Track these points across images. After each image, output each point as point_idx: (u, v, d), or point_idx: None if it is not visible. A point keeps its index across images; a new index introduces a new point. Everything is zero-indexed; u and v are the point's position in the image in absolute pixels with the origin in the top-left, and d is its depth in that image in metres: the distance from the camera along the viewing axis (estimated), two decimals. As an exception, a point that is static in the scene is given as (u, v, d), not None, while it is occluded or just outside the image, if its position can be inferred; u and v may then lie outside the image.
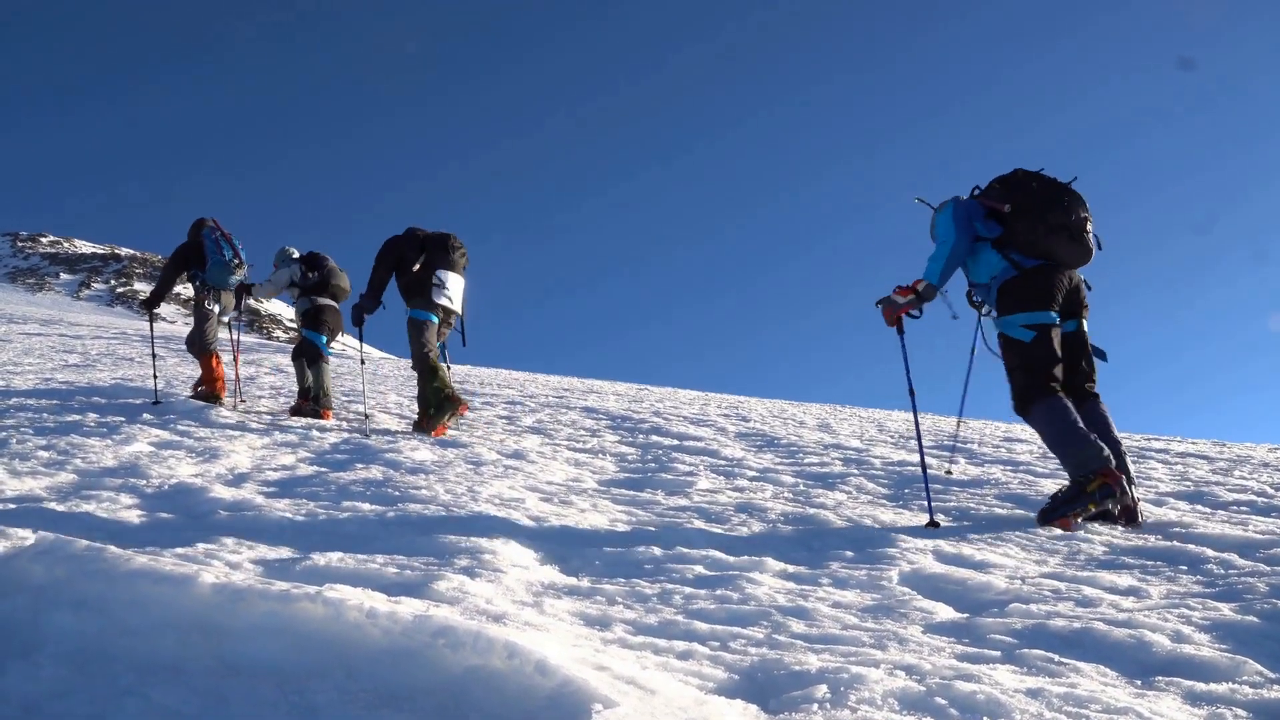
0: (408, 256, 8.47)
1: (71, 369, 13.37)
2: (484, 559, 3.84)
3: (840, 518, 4.97)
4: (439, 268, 8.39)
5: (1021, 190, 5.24)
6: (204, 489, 5.18)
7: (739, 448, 8.07)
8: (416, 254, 8.46)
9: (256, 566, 3.63)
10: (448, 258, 8.48)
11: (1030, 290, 5.15)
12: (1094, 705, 2.47)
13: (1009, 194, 5.26)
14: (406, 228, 8.70)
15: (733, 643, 2.99)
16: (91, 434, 7.21)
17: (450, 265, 8.48)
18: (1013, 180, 5.34)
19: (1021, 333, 5.12)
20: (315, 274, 9.91)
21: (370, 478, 5.73)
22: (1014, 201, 5.20)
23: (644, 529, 4.67)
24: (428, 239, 8.54)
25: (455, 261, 8.53)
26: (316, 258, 10.04)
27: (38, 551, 3.26)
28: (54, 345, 20.38)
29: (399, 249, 8.48)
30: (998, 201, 5.26)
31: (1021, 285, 5.17)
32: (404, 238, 8.56)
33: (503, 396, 12.58)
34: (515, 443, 7.78)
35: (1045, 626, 3.20)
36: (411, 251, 8.48)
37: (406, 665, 2.51)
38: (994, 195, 5.35)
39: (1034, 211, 5.15)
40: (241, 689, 2.49)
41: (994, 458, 7.76)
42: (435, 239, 8.53)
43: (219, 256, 9.73)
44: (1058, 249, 5.17)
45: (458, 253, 8.58)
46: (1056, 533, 4.72)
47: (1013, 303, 5.18)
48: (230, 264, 9.75)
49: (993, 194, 5.36)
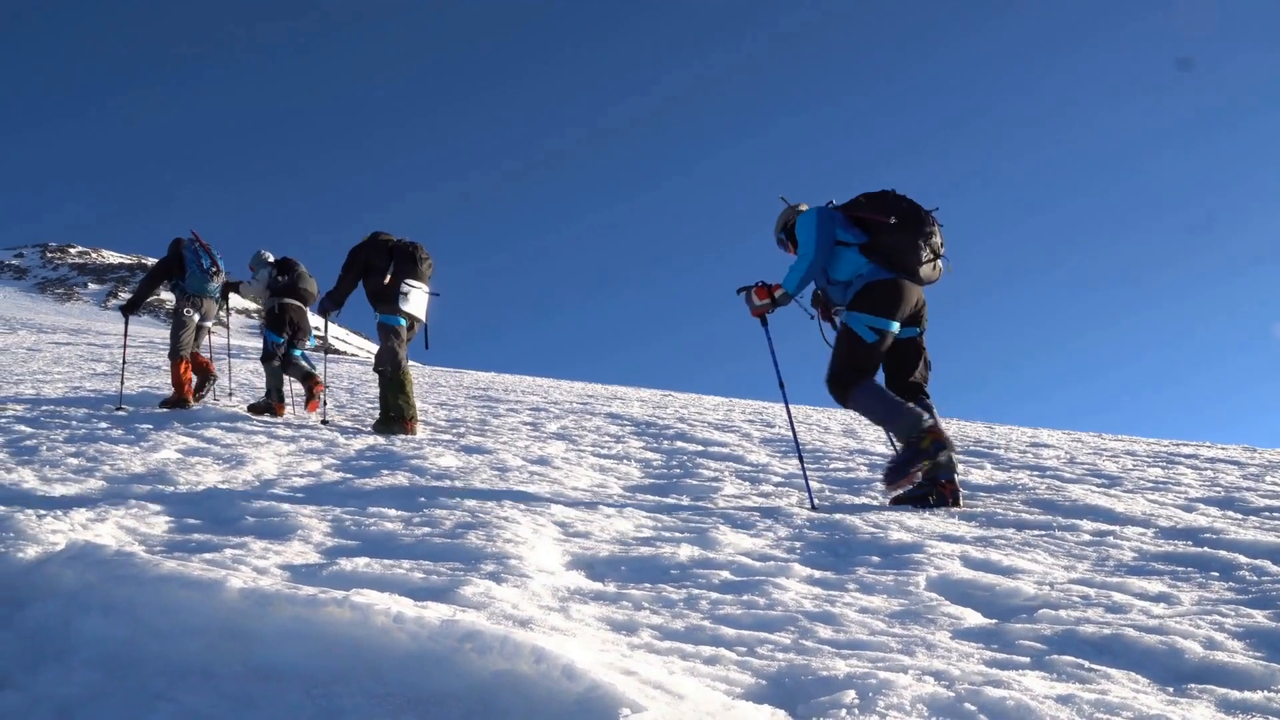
0: (375, 264, 8.76)
1: (100, 377, 13.48)
2: (510, 564, 3.84)
3: (866, 523, 4.94)
4: (406, 277, 8.74)
5: (895, 207, 5.70)
6: (231, 495, 5.20)
7: (764, 453, 8.05)
8: (385, 262, 8.76)
9: (283, 571, 3.64)
10: (415, 269, 8.83)
11: (885, 299, 5.64)
12: (1126, 712, 2.44)
13: (886, 210, 5.69)
14: (372, 233, 8.97)
15: (760, 648, 2.98)
16: (120, 441, 7.27)
17: (417, 275, 8.85)
18: (886, 199, 5.78)
19: (866, 332, 5.62)
20: (285, 278, 10.53)
21: (396, 484, 5.75)
22: (896, 214, 5.65)
23: (670, 535, 4.66)
24: (396, 247, 8.84)
25: (422, 273, 8.92)
26: (288, 263, 10.64)
27: (69, 557, 3.29)
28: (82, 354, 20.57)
29: (366, 256, 8.78)
30: (877, 214, 5.69)
31: (880, 291, 5.64)
32: (371, 245, 8.85)
33: (527, 403, 12.60)
34: (540, 449, 7.79)
35: (1075, 632, 3.17)
36: (379, 259, 8.77)
37: (433, 670, 2.51)
38: (860, 206, 5.80)
39: (911, 228, 5.65)
40: (269, 693, 2.50)
41: (1020, 463, 7.71)
42: (402, 249, 8.84)
43: (197, 266, 10.43)
44: (920, 267, 5.69)
45: (425, 264, 8.91)
46: (1085, 538, 4.68)
47: (868, 304, 5.64)
48: (209, 272, 10.47)
49: (860, 207, 5.81)
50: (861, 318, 5.64)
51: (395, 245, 8.87)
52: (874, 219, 5.69)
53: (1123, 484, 6.61)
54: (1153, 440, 10.78)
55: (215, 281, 10.59)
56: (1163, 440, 10.71)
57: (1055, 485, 6.44)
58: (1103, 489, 6.33)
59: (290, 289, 10.53)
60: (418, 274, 8.84)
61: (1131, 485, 6.55)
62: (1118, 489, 6.37)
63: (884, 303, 5.63)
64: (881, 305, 5.63)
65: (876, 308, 5.63)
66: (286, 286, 10.53)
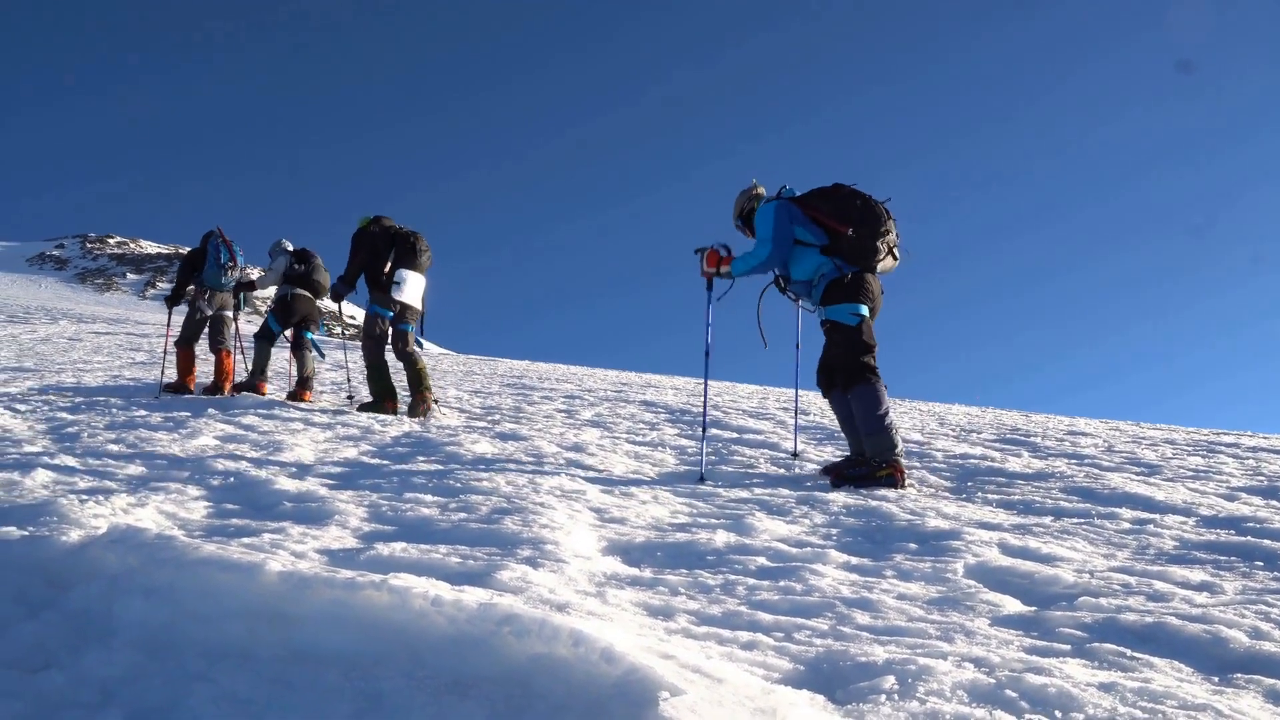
0: (379, 250, 9.11)
1: (139, 366, 13.61)
2: (546, 549, 3.85)
3: (903, 510, 4.91)
4: (402, 267, 9.05)
5: (849, 207, 6.05)
6: (269, 481, 5.24)
7: (800, 441, 8.02)
8: (387, 249, 9.13)
9: (321, 556, 3.66)
10: (414, 260, 9.15)
11: (854, 288, 6.01)
12: (1170, 701, 2.41)
13: (840, 211, 6.04)
14: (374, 217, 9.29)
15: (797, 634, 2.97)
16: (159, 428, 7.33)
17: (415, 266, 9.14)
18: (837, 195, 6.14)
19: (849, 318, 5.98)
20: (301, 267, 10.93)
21: (432, 470, 5.76)
22: (853, 224, 5.99)
23: (705, 521, 4.65)
24: (397, 235, 9.18)
25: (420, 264, 9.21)
26: (306, 254, 11.03)
27: (110, 540, 3.32)
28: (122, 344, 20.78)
29: (373, 241, 9.11)
30: (833, 219, 6.04)
31: (848, 284, 6.01)
32: (378, 231, 9.18)
33: (561, 391, 12.62)
34: (575, 436, 7.79)
35: (1116, 621, 3.14)
36: (383, 245, 9.13)
37: (471, 653, 2.52)
38: (817, 206, 6.12)
39: (869, 229, 6.01)
40: (308, 675, 2.51)
41: (1058, 451, 7.65)
42: (403, 238, 9.17)
43: (215, 260, 10.90)
44: (878, 263, 6.08)
45: (424, 255, 9.22)
46: (1125, 527, 4.64)
47: (840, 295, 6.01)
48: (225, 266, 10.91)
49: (813, 203, 6.15)
50: (839, 308, 6.01)
51: (397, 233, 9.21)
52: (832, 226, 6.05)
53: (1162, 472, 6.54)
54: (1192, 429, 10.65)
55: (229, 275, 11.01)
56: (1202, 429, 10.58)
57: (1093, 473, 6.38)
58: (1142, 477, 6.27)
59: (303, 279, 10.93)
60: (416, 264, 9.15)
61: (1171, 474, 6.48)
62: (1157, 477, 6.30)
63: (853, 291, 6.01)
64: (851, 293, 6.01)
65: (848, 296, 6.00)
66: (300, 276, 10.92)
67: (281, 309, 10.85)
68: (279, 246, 11.10)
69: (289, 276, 10.91)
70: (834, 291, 6.02)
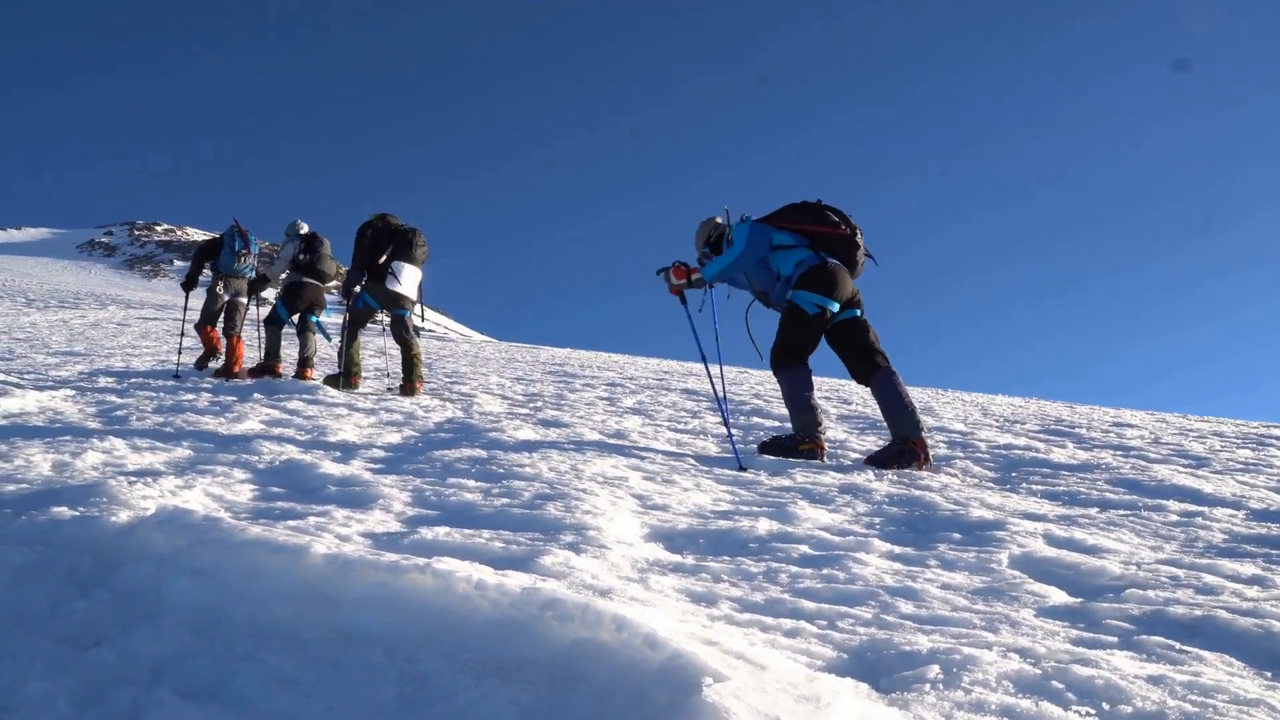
0: (380, 243, 9.81)
1: (186, 351, 13.77)
2: (589, 535, 3.85)
3: (947, 500, 4.88)
4: (398, 260, 9.77)
5: (824, 217, 6.49)
6: (313, 465, 5.28)
7: (841, 430, 8.00)
8: (387, 243, 9.87)
9: (366, 539, 3.68)
10: (410, 253, 9.86)
11: (827, 280, 6.33)
12: (1220, 695, 2.38)
13: (819, 220, 6.47)
14: (380, 214, 9.97)
15: (840, 622, 2.95)
16: (205, 412, 7.42)
17: (411, 260, 9.86)
18: (812, 209, 6.57)
19: (810, 307, 6.30)
20: (308, 256, 11.44)
21: (475, 455, 5.79)
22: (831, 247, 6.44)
23: (748, 509, 4.64)
24: (397, 231, 9.88)
25: (416, 257, 9.92)
26: (314, 241, 11.51)
27: (159, 521, 3.36)
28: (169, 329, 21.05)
29: (375, 236, 9.83)
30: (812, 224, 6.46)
31: (823, 273, 6.34)
32: (380, 227, 9.87)
33: (603, 378, 12.64)
34: (617, 423, 7.81)
35: (1164, 613, 3.09)
36: (384, 239, 9.83)
37: (515, 637, 2.52)
38: (792, 218, 6.55)
39: (844, 244, 6.44)
40: (353, 657, 2.53)
41: (1103, 442, 7.57)
42: (402, 234, 9.91)
43: (230, 248, 11.79)
44: (856, 261, 6.50)
45: (420, 249, 9.98)
46: (1172, 519, 4.58)
47: (812, 284, 6.32)
48: (238, 253, 11.77)
49: (788, 215, 6.58)
50: (806, 295, 6.32)
51: (397, 229, 9.89)
52: (814, 229, 6.46)
53: (1211, 465, 6.45)
54: (1241, 422, 10.50)
55: (241, 262, 11.83)
56: (1251, 422, 10.43)
57: (1140, 465, 6.31)
58: (1190, 469, 6.19)
59: (309, 268, 11.45)
60: (411, 257, 9.86)
61: (1220, 466, 6.40)
62: (1205, 470, 6.22)
63: (826, 283, 6.32)
64: (823, 285, 6.32)
65: (818, 287, 6.31)
66: (306, 265, 11.44)
67: (289, 296, 11.42)
68: (293, 228, 11.56)
69: (296, 264, 11.47)
70: (807, 279, 6.35)
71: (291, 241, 11.48)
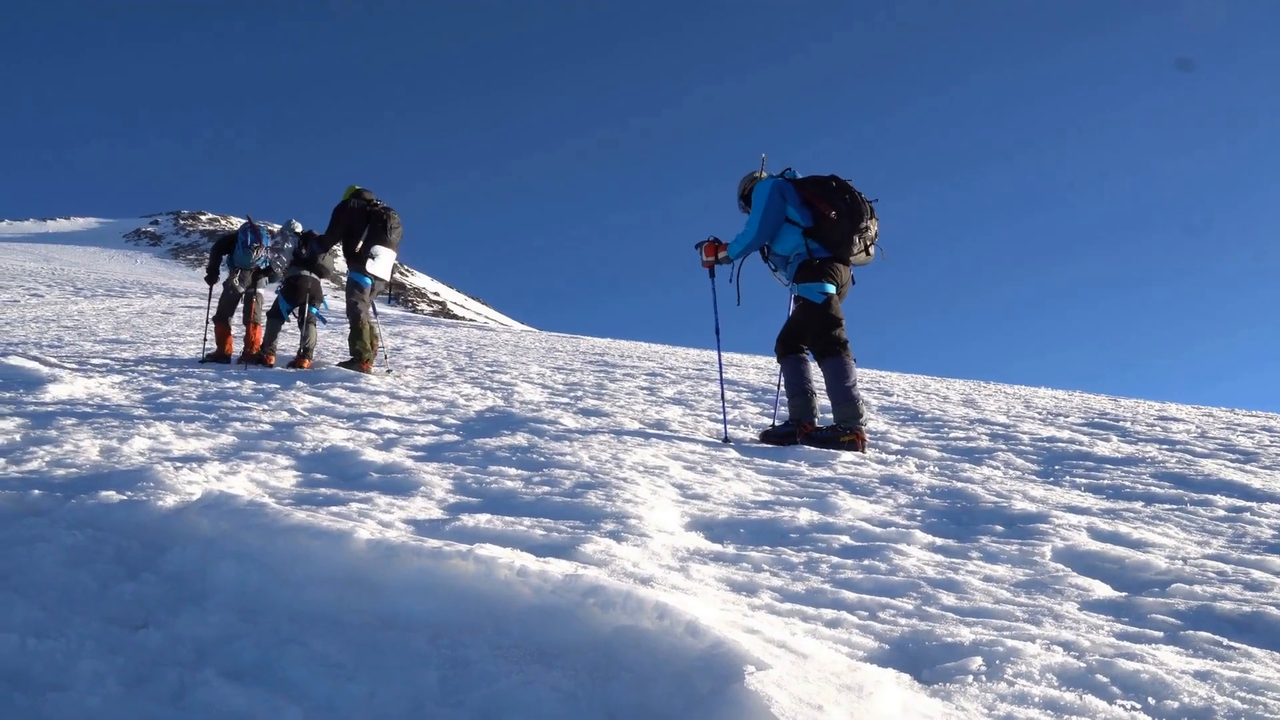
0: (354, 227, 10.02)
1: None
2: (629, 524, 3.86)
3: (989, 492, 4.84)
4: (375, 243, 9.93)
5: (839, 199, 6.58)
6: (356, 452, 5.32)
7: (882, 421, 7.95)
8: (362, 226, 10.06)
9: (408, 526, 3.71)
10: (385, 236, 10.00)
11: (820, 271, 6.59)
12: (1270, 692, 2.34)
13: (830, 200, 6.58)
14: (355, 190, 10.14)
15: (882, 613, 2.94)
16: (249, 399, 7.50)
17: (387, 243, 10.01)
18: (830, 186, 6.64)
19: (817, 296, 6.57)
20: (306, 251, 11.88)
21: (516, 444, 5.81)
22: (838, 210, 6.54)
23: (788, 499, 4.62)
24: (373, 213, 10.02)
25: (391, 240, 10.05)
26: (312, 237, 11.72)
27: (204, 506, 3.40)
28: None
29: (350, 216, 10.10)
30: (822, 203, 6.58)
31: (816, 267, 6.60)
32: (352, 209, 10.06)
33: (643, 368, 12.64)
34: (657, 413, 7.81)
35: (1211, 609, 3.05)
36: (359, 223, 10.03)
37: (556, 623, 2.53)
38: (813, 191, 6.64)
39: (850, 222, 6.55)
40: (395, 641, 2.55)
41: (1148, 436, 7.47)
42: (377, 215, 10.04)
43: (243, 241, 12.30)
44: (851, 253, 6.64)
45: (395, 232, 10.09)
46: (1220, 514, 4.52)
47: (811, 275, 6.60)
48: (250, 247, 12.28)
49: (809, 187, 6.68)
50: (809, 286, 6.60)
51: (373, 211, 10.02)
52: (820, 207, 6.59)
53: (1259, 460, 6.36)
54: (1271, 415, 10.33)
55: (253, 256, 12.30)
56: (1295, 416, 10.26)
57: (1186, 459, 6.23)
58: (1238, 464, 6.10)
59: (309, 262, 11.91)
60: (387, 240, 9.97)
61: (1269, 461, 6.30)
62: (1254, 465, 6.13)
63: (819, 273, 6.58)
64: (818, 274, 6.58)
65: (816, 276, 6.58)
66: (306, 260, 11.90)
67: (290, 290, 11.79)
68: (289, 227, 12.24)
69: (295, 259, 11.97)
70: (804, 271, 6.63)
71: (292, 238, 12.11)
